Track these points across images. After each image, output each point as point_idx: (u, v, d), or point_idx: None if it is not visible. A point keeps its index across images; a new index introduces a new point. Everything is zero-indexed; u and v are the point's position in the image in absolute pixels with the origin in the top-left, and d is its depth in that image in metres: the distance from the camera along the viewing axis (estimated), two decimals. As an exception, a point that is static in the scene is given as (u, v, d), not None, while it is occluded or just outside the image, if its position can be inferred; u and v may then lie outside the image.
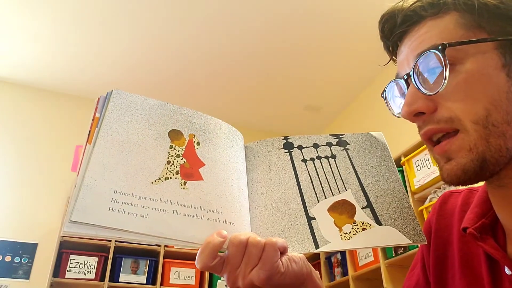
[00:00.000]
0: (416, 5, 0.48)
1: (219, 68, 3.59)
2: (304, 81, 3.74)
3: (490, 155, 0.43)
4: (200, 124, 0.56)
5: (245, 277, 0.45)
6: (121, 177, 0.48)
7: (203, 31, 3.17)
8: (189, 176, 0.51)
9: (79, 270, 2.97)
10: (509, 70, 0.43)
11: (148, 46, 3.35)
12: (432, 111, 0.45)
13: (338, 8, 2.94)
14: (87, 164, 0.47)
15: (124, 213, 0.46)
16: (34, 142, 3.58)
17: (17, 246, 3.18)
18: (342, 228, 0.51)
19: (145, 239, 0.46)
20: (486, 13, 0.44)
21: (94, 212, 0.44)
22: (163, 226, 0.47)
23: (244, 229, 0.52)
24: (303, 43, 3.29)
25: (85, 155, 0.47)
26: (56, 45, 3.32)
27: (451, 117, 0.44)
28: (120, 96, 0.52)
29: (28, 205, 3.32)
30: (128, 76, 3.66)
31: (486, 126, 0.42)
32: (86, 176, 0.46)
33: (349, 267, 2.87)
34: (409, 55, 0.48)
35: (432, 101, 0.45)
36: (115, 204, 0.46)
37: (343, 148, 0.60)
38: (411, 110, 0.46)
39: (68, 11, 2.99)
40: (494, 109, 0.42)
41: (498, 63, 0.43)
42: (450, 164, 0.45)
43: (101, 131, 0.49)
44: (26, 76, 3.66)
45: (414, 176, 2.46)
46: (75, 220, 0.43)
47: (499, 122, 0.42)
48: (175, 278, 3.14)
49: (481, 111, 0.42)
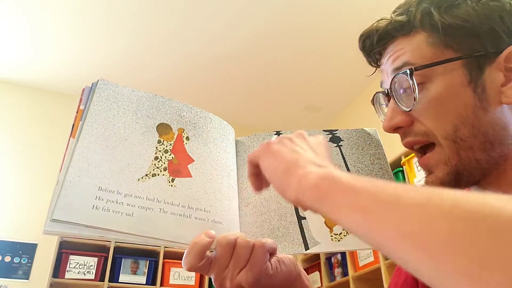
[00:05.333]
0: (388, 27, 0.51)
1: (219, 68, 3.59)
2: (304, 81, 3.73)
3: (463, 168, 0.45)
4: (190, 117, 0.53)
5: (233, 278, 0.45)
6: (106, 174, 0.45)
7: (203, 31, 3.17)
8: (177, 172, 0.50)
9: (79, 271, 2.96)
10: (475, 85, 0.45)
11: (148, 46, 3.34)
12: (409, 125, 0.49)
13: (338, 8, 2.94)
14: (70, 160, 0.44)
15: (109, 211, 0.44)
16: (34, 142, 3.58)
17: (17, 246, 3.18)
18: (333, 229, 0.50)
19: (130, 239, 0.44)
20: (452, 32, 0.46)
21: (77, 210, 0.42)
22: (150, 225, 0.45)
23: (233, 229, 0.51)
24: (303, 43, 3.29)
25: (68, 150, 0.45)
26: (56, 45, 3.32)
27: (426, 132, 0.47)
28: (106, 87, 0.50)
29: (27, 205, 3.31)
30: (128, 76, 3.65)
31: (455, 140, 0.45)
32: (69, 172, 0.43)
33: (349, 267, 2.86)
34: (388, 69, 0.52)
35: (409, 116, 0.48)
36: (99, 202, 0.44)
37: (336, 144, 0.59)
38: (391, 125, 0.50)
39: (68, 11, 2.99)
40: (461, 124, 0.45)
41: (464, 80, 0.46)
42: (431, 177, 0.48)
43: (86, 124, 0.46)
44: (26, 76, 3.66)
45: (414, 176, 2.46)
46: (56, 219, 0.41)
47: (466, 137, 0.45)
48: (175, 279, 3.13)
49: (450, 127, 0.45)
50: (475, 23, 0.46)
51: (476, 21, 0.46)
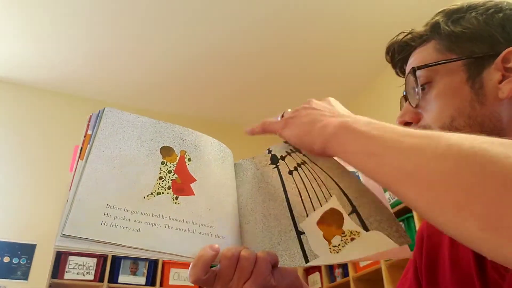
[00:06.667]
0: (407, 38, 0.59)
1: (219, 68, 3.58)
2: (304, 81, 3.73)
3: None
4: (191, 140, 0.57)
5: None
6: (114, 192, 0.48)
7: (203, 31, 3.16)
8: (181, 191, 0.52)
9: (78, 271, 2.96)
10: (473, 82, 0.51)
11: (148, 46, 3.34)
12: (417, 121, 0.55)
13: (338, 8, 2.94)
14: (79, 180, 0.47)
15: (116, 227, 0.46)
16: (33, 142, 3.57)
17: (16, 247, 3.17)
18: (331, 241, 0.51)
19: (137, 253, 0.47)
20: (455, 39, 0.53)
21: (86, 226, 0.45)
22: (156, 240, 0.48)
23: (236, 243, 0.53)
24: (303, 43, 3.28)
25: (77, 171, 0.48)
26: (56, 45, 3.31)
27: (424, 126, 0.53)
28: (112, 113, 0.53)
29: (26, 205, 3.31)
30: (128, 76, 3.65)
31: (450, 129, 0.49)
32: (79, 191, 0.47)
33: (350, 268, 2.86)
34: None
35: (417, 114, 0.55)
36: (107, 219, 0.46)
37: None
38: (400, 120, 0.57)
39: (68, 11, 2.98)
40: (458, 115, 0.50)
41: (464, 78, 0.51)
42: None
43: (94, 147, 0.50)
44: (26, 76, 3.66)
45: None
46: (67, 234, 0.44)
47: (462, 126, 0.49)
48: (175, 279, 3.13)
49: (447, 118, 0.51)
50: (476, 30, 0.52)
51: (477, 28, 0.52)
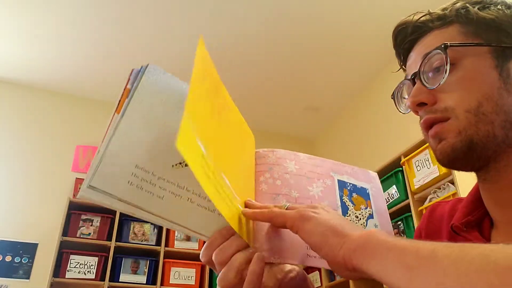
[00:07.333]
0: (425, 18, 0.56)
1: (219, 68, 3.57)
2: (304, 81, 3.74)
3: (478, 139, 0.48)
4: None
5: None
6: (144, 154, 0.47)
7: (203, 30, 3.17)
8: None
9: (79, 270, 2.97)
10: (502, 70, 0.50)
11: (148, 45, 3.35)
12: (432, 103, 0.52)
13: (338, 8, 2.95)
14: (113, 133, 0.46)
15: (142, 190, 0.45)
16: (34, 142, 3.58)
17: (17, 246, 3.18)
18: None
19: (156, 221, 0.46)
20: (483, 25, 0.52)
21: (113, 182, 0.44)
22: (176, 211, 0.47)
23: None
24: (303, 44, 3.29)
25: (112, 125, 0.47)
26: (56, 45, 3.32)
27: (446, 108, 0.51)
28: (155, 72, 0.51)
29: (28, 205, 3.32)
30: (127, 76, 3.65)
31: (477, 114, 0.48)
32: (111, 145, 0.45)
33: (349, 267, 2.86)
34: (417, 58, 0.55)
35: (433, 95, 0.52)
36: (134, 179, 0.45)
37: None
38: (415, 100, 0.53)
39: (68, 11, 2.99)
40: (485, 101, 0.49)
41: (492, 63, 0.50)
42: (442, 144, 0.51)
43: (132, 102, 0.48)
44: (26, 76, 3.67)
45: (414, 176, 2.47)
46: (94, 186, 0.43)
47: (489, 112, 0.48)
48: (175, 278, 3.14)
49: (474, 102, 0.49)
50: (503, 21, 0.52)
51: (504, 20, 0.52)
